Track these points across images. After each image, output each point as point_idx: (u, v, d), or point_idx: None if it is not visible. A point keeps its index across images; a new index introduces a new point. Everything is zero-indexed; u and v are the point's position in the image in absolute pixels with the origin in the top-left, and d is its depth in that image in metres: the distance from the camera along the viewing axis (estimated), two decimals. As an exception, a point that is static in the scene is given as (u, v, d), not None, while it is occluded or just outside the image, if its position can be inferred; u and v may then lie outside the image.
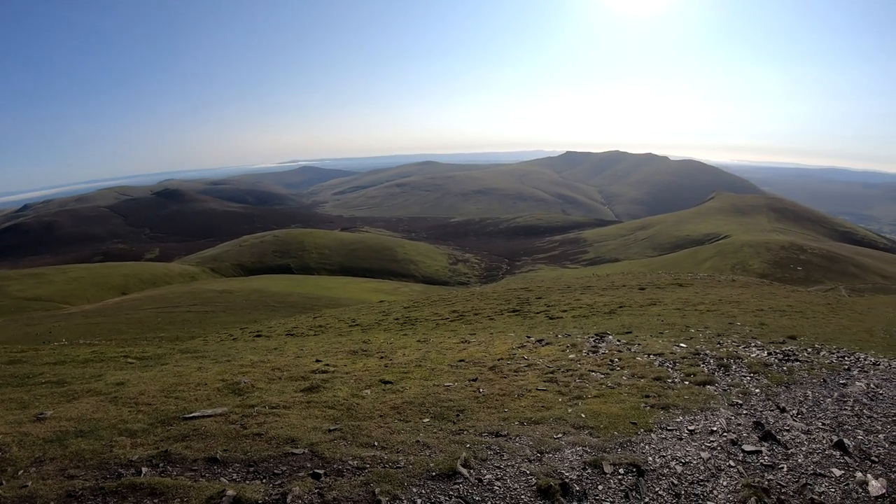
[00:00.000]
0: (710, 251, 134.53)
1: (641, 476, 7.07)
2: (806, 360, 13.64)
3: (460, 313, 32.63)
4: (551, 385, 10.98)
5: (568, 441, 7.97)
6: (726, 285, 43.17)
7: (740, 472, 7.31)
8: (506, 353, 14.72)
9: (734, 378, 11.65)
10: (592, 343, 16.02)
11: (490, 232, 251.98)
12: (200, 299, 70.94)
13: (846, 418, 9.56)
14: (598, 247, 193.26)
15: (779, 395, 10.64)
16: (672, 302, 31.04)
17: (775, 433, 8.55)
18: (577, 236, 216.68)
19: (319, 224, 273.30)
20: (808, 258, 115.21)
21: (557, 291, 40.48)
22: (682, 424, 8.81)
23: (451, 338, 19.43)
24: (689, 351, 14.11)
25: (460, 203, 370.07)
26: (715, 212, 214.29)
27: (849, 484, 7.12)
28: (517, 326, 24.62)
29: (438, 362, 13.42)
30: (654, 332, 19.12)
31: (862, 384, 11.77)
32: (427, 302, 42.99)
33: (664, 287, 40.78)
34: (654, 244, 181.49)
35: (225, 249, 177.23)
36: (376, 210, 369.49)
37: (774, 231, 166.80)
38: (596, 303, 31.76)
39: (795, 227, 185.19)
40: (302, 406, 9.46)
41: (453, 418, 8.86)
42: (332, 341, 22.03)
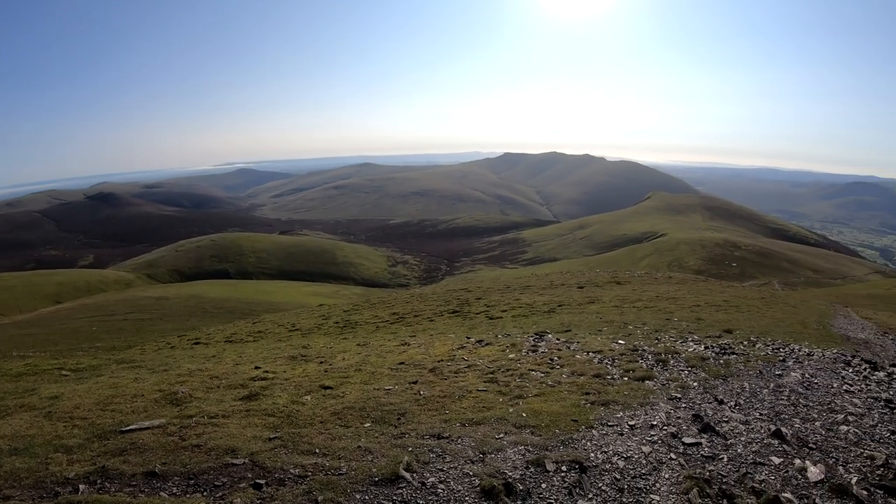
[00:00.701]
0: (647, 249, 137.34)
1: (584, 472, 7.12)
2: (742, 353, 14.03)
3: (400, 315, 32.58)
4: (492, 385, 10.98)
5: (510, 441, 7.98)
6: (663, 282, 44.13)
7: (682, 464, 7.45)
8: (446, 354, 14.70)
9: (672, 372, 11.89)
10: (532, 342, 16.11)
11: (429, 233, 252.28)
12: (137, 307, 69.04)
13: (783, 408, 9.91)
14: (537, 246, 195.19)
15: (716, 388, 10.93)
16: (610, 300, 31.54)
17: (714, 425, 8.75)
18: (515, 236, 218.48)
19: (257, 227, 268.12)
20: (743, 254, 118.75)
21: (497, 291, 40.75)
22: (623, 420, 8.92)
23: (392, 340, 19.36)
24: (627, 347, 14.35)
25: (399, 205, 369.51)
26: (651, 211, 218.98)
27: (788, 471, 7.35)
28: (457, 327, 24.68)
29: (378, 366, 13.31)
30: (594, 329, 19.38)
31: (797, 374, 12.17)
32: (367, 305, 42.85)
33: (602, 285, 41.44)
34: (593, 243, 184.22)
35: (161, 255, 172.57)
36: (315, 212, 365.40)
37: (709, 229, 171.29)
38: (535, 302, 32.05)
39: (729, 225, 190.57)
40: (241, 415, 9.25)
41: (395, 422, 8.79)
42: (271, 347, 21.74)
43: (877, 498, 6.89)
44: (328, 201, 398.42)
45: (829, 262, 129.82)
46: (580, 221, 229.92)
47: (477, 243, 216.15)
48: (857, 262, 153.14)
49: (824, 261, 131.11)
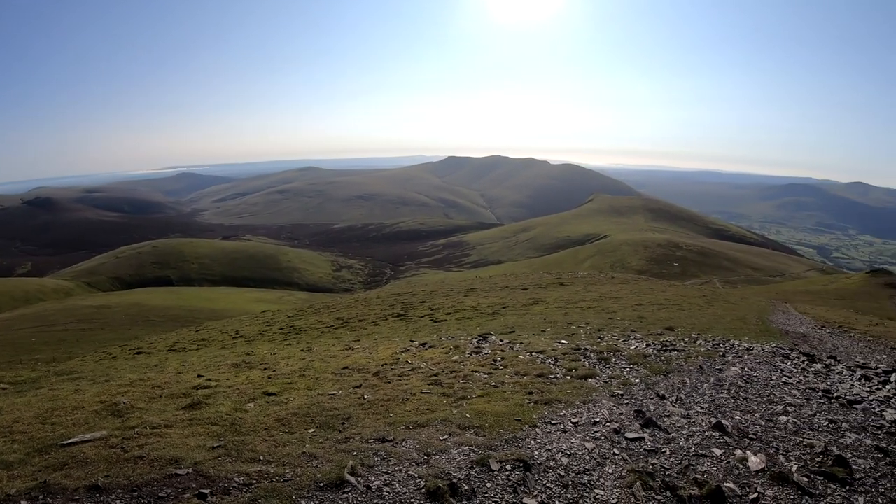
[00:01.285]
0: (590, 251, 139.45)
1: (528, 470, 7.17)
2: (683, 350, 14.34)
3: (345, 320, 32.42)
4: (436, 387, 10.97)
5: (454, 442, 7.99)
6: (606, 282, 44.74)
7: (625, 458, 7.57)
8: (390, 358, 14.65)
9: (615, 370, 12.10)
10: (476, 344, 16.15)
11: (373, 237, 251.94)
12: (77, 316, 67.21)
13: (723, 401, 10.20)
14: (481, 249, 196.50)
15: (658, 384, 11.17)
16: (554, 300, 31.83)
17: (656, 420, 8.93)
18: (459, 239, 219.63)
19: (200, 233, 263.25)
20: (684, 254, 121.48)
21: (441, 295, 40.81)
22: (566, 418, 9.01)
23: (336, 345, 19.24)
24: (570, 347, 14.52)
25: (343, 209, 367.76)
26: (594, 213, 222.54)
27: (730, 461, 7.57)
28: (402, 331, 24.65)
29: (322, 371, 13.18)
30: (537, 330, 19.56)
31: (737, 368, 12.48)
32: (311, 310, 42.54)
33: (546, 286, 41.79)
34: (536, 245, 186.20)
35: (101, 262, 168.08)
36: (258, 217, 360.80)
37: (651, 230, 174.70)
38: (479, 304, 32.18)
39: (671, 226, 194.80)
40: (184, 424, 9.04)
41: (339, 427, 8.70)
42: (214, 355, 21.36)
43: (817, 484, 7.15)
44: (271, 206, 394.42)
45: (768, 261, 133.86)
46: (524, 224, 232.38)
47: (421, 247, 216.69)
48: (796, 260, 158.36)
49: (764, 259, 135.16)
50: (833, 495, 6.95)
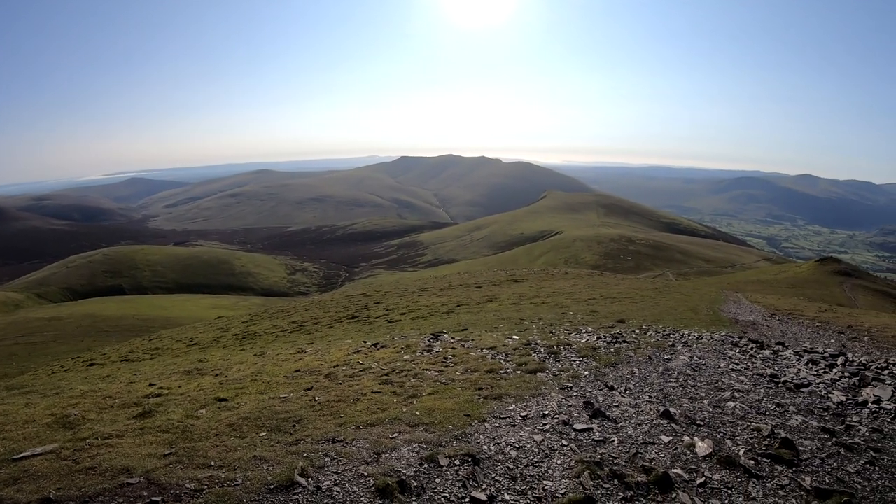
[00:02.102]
0: (544, 247, 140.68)
1: (477, 465, 7.22)
2: (633, 341, 14.54)
3: (300, 324, 32.22)
4: (387, 387, 10.95)
5: (404, 439, 8.01)
6: (560, 278, 45.15)
7: (573, 449, 7.65)
8: (342, 359, 14.57)
9: (564, 363, 12.22)
10: (427, 342, 16.14)
11: (327, 239, 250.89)
12: (27, 329, 65.58)
13: (672, 389, 10.41)
14: (436, 249, 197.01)
15: (607, 375, 11.32)
16: (508, 297, 32.03)
17: (605, 410, 9.04)
18: (414, 239, 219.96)
19: (151, 239, 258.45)
20: (637, 248, 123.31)
21: (396, 295, 40.79)
22: (515, 412, 9.08)
23: (289, 349, 19.10)
24: (521, 342, 14.61)
25: (296, 211, 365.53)
26: (547, 210, 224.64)
27: (677, 448, 7.74)
28: (356, 332, 24.57)
29: (274, 375, 13.06)
30: (490, 327, 19.64)
31: (685, 357, 12.69)
32: (266, 315, 42.18)
33: (500, 284, 42.02)
34: (491, 243, 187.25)
35: (52, 272, 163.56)
36: (210, 222, 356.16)
37: (604, 225, 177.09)
38: (434, 303, 32.22)
39: (624, 221, 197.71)
40: (135, 433, 8.92)
41: (290, 429, 8.66)
42: (167, 363, 21.07)
43: (764, 466, 7.36)
44: (224, 210, 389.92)
45: (719, 252, 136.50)
46: (477, 222, 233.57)
47: (376, 248, 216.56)
48: (746, 251, 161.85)
49: (715, 251, 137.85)
50: (780, 476, 7.14)
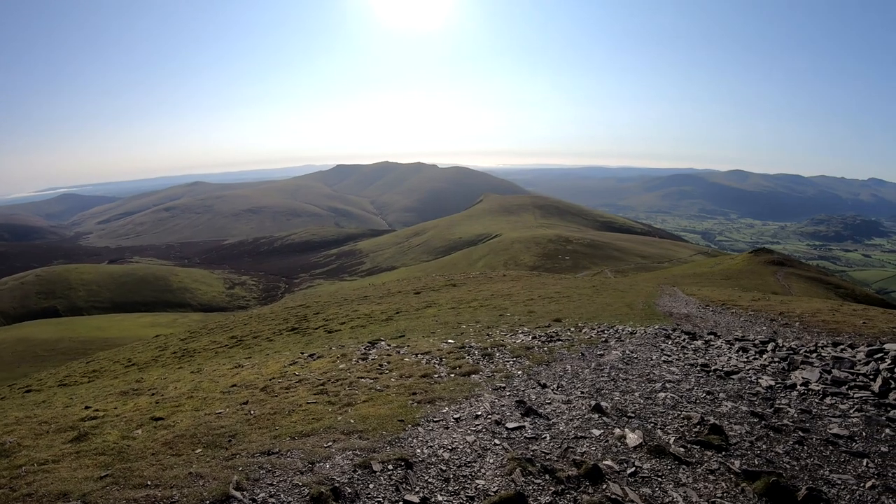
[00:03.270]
0: (482, 250, 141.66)
1: (410, 468, 7.27)
2: (568, 339, 14.79)
3: (239, 339, 31.80)
4: (322, 397, 10.92)
5: (338, 448, 8.02)
6: (498, 280, 45.43)
7: (506, 448, 7.75)
8: (278, 372, 14.46)
9: (498, 364, 12.38)
10: (363, 351, 16.12)
11: (265, 251, 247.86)
12: None
13: (603, 384, 10.66)
14: (375, 256, 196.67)
15: (540, 374, 11.51)
16: (447, 302, 32.10)
17: (537, 408, 9.19)
18: (352, 248, 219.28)
19: (85, 258, 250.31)
20: (575, 248, 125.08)
21: (335, 305, 40.57)
22: (449, 414, 9.16)
23: (226, 364, 18.85)
24: (456, 346, 14.74)
25: (233, 224, 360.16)
26: (485, 213, 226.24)
27: (608, 440, 7.95)
28: (294, 344, 24.39)
29: (211, 391, 12.89)
30: (427, 332, 19.70)
31: (618, 352, 12.96)
32: (205, 331, 41.52)
33: (439, 289, 42.11)
34: (429, 249, 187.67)
35: None
36: (145, 237, 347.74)
37: (541, 226, 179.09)
38: (373, 311, 32.15)
39: (561, 222, 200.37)
40: (72, 457, 8.77)
41: (225, 444, 8.60)
42: (104, 385, 20.59)
43: (693, 452, 7.62)
44: (159, 224, 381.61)
45: (656, 248, 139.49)
46: (415, 228, 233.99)
47: (314, 258, 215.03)
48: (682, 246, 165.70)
49: (652, 247, 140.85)
50: (709, 462, 7.39)
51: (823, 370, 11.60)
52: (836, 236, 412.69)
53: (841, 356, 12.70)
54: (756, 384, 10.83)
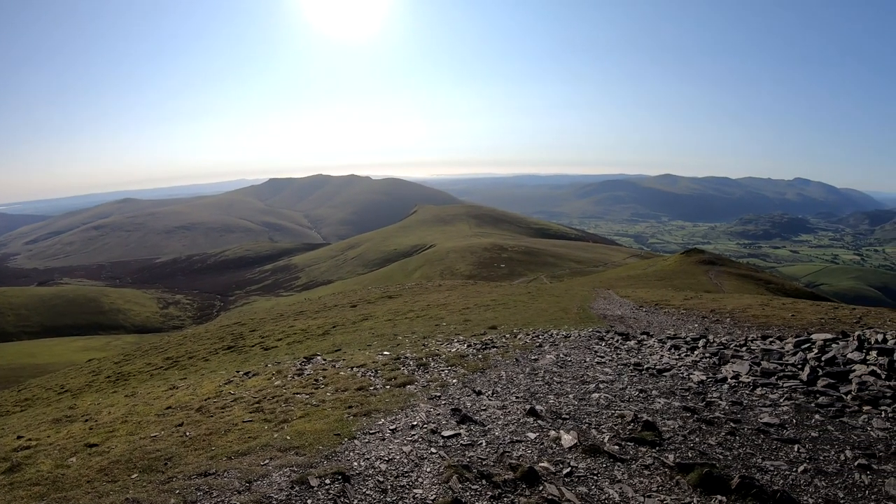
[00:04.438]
0: (418, 261, 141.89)
1: (348, 482, 7.25)
2: (503, 346, 14.99)
3: (174, 359, 31.26)
4: (258, 415, 10.81)
5: (275, 465, 7.97)
6: (434, 291, 45.55)
7: (442, 456, 7.78)
8: (213, 391, 14.25)
9: (433, 374, 12.45)
10: (299, 366, 16.00)
11: (199, 269, 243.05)
12: None
13: (538, 388, 10.85)
14: (310, 271, 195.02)
15: (475, 381, 11.64)
16: (383, 314, 32.08)
17: (472, 415, 9.27)
18: (287, 263, 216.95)
19: (13, 280, 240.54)
20: (510, 255, 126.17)
21: (271, 321, 40.19)
22: (385, 426, 9.18)
23: (161, 386, 18.50)
24: (391, 357, 14.75)
25: (165, 241, 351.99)
26: (419, 224, 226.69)
27: (544, 443, 8.08)
28: (231, 363, 24.11)
29: (145, 414, 12.64)
30: (363, 345, 19.67)
31: (552, 356, 13.17)
32: (139, 353, 40.67)
33: (375, 301, 42.03)
34: (365, 261, 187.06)
35: None
36: (75, 258, 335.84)
37: (476, 235, 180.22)
38: (310, 326, 31.94)
39: (495, 230, 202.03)
40: (5, 489, 8.56)
41: (162, 468, 8.47)
42: (37, 413, 19.97)
43: (627, 450, 7.81)
44: (89, 244, 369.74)
45: (590, 253, 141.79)
46: (350, 241, 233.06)
47: (249, 274, 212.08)
48: (616, 250, 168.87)
49: (586, 252, 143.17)
50: (644, 457, 7.59)
51: (753, 363, 11.98)
52: (765, 234, 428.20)
53: (770, 348, 13.13)
54: (688, 380, 11.14)
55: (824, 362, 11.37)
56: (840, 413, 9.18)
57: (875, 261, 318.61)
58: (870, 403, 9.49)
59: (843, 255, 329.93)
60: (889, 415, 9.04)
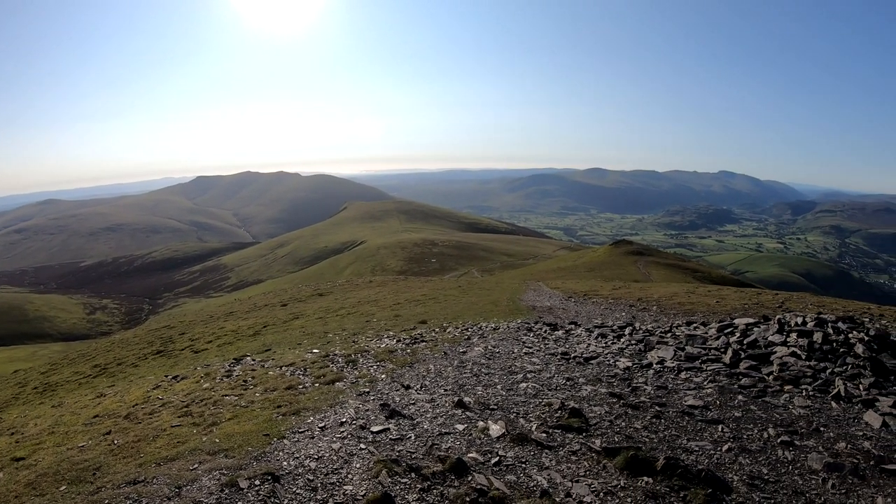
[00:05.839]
0: (349, 258, 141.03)
1: (278, 482, 7.22)
2: (432, 340, 15.10)
3: (103, 367, 30.47)
4: (186, 419, 10.65)
5: (205, 469, 7.88)
6: (365, 287, 45.47)
7: (371, 451, 7.81)
8: (141, 397, 13.96)
9: (362, 370, 12.47)
10: (228, 368, 15.79)
11: (126, 271, 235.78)
12: None
13: (466, 380, 10.99)
14: (240, 270, 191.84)
15: (404, 376, 11.71)
16: (314, 312, 31.87)
17: (401, 409, 9.32)
18: (217, 263, 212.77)
19: None
20: (441, 250, 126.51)
21: (201, 323, 39.52)
22: (314, 424, 9.16)
23: (89, 395, 18.03)
24: (320, 355, 14.68)
25: (91, 244, 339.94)
26: (350, 220, 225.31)
27: (472, 434, 8.18)
28: (160, 368, 23.64)
29: (72, 424, 12.32)
30: (294, 344, 19.52)
31: (480, 348, 13.33)
32: (66, 362, 39.53)
33: (306, 299, 41.73)
34: (295, 259, 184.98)
35: None
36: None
37: (407, 231, 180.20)
38: (240, 327, 31.54)
39: (426, 225, 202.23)
40: None
41: (90, 478, 8.29)
42: None
43: (555, 437, 7.97)
44: (9, 248, 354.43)
45: (520, 246, 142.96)
46: (280, 239, 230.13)
47: (177, 276, 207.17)
48: (546, 242, 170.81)
49: (516, 245, 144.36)
50: (571, 444, 7.76)
51: (678, 348, 12.33)
52: (691, 225, 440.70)
53: (694, 333, 13.52)
54: (614, 367, 11.40)
55: (746, 345, 11.77)
56: (762, 393, 9.55)
57: (798, 248, 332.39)
58: (791, 383, 9.89)
59: (767, 244, 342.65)
60: (810, 393, 9.46)
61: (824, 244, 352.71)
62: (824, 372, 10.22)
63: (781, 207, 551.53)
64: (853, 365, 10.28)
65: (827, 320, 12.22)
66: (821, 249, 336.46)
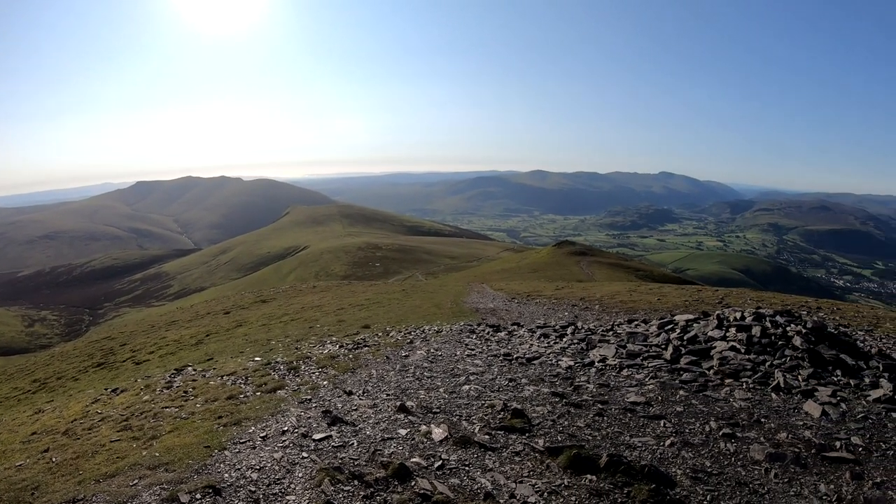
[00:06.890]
0: (292, 264, 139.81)
1: (219, 494, 7.11)
2: (374, 344, 15.03)
3: (42, 381, 29.61)
4: (126, 433, 10.45)
5: (145, 484, 7.74)
6: (308, 293, 45.10)
7: (314, 459, 7.74)
8: (80, 412, 13.63)
9: (304, 377, 12.36)
10: (168, 379, 15.50)
11: (64, 281, 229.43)
12: None
13: (408, 384, 10.97)
14: (182, 278, 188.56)
15: (346, 382, 11.64)
16: (257, 319, 31.52)
17: (343, 416, 9.27)
18: (158, 271, 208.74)
19: None
20: (385, 254, 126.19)
21: (143, 333, 38.72)
22: (255, 434, 9.04)
23: (27, 411, 17.50)
24: (262, 363, 14.50)
25: (28, 252, 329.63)
26: (292, 225, 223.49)
27: (415, 438, 8.18)
28: (101, 381, 23.10)
29: (9, 442, 11.95)
30: (236, 352, 19.27)
31: (422, 352, 13.35)
32: (4, 377, 38.25)
33: (249, 306, 41.23)
34: (238, 266, 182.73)
35: None
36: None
37: (350, 235, 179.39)
38: (182, 336, 31.00)
39: (369, 229, 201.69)
40: None
41: (29, 498, 8.08)
42: None
43: (498, 438, 8.03)
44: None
45: (464, 248, 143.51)
46: (222, 246, 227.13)
47: (118, 285, 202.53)
48: (490, 244, 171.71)
49: (460, 248, 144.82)
50: (514, 444, 7.83)
51: (619, 346, 12.51)
52: (633, 225, 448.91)
53: (635, 331, 13.75)
54: (557, 366, 11.50)
55: (686, 341, 12.01)
56: (703, 387, 9.76)
57: (737, 246, 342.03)
58: (731, 377, 10.13)
59: (708, 242, 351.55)
60: (750, 386, 9.71)
61: (763, 241, 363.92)
62: (764, 365, 10.51)
63: (721, 207, 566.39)
64: (792, 357, 10.59)
65: (765, 314, 12.55)
66: (759, 246, 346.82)
